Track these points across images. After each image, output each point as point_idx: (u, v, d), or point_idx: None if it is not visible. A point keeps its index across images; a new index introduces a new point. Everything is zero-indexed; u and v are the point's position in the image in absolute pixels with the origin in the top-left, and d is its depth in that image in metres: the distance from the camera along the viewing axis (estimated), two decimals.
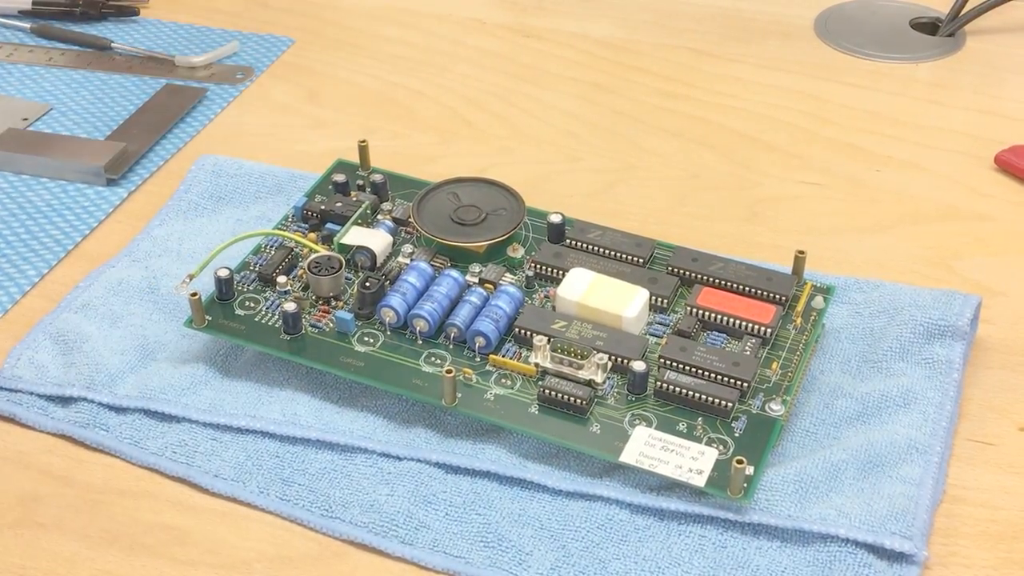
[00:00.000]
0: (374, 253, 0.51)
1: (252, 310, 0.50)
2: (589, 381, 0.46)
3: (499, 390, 0.47)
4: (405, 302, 0.49)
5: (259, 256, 0.53)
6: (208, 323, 0.50)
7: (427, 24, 0.76)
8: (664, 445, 0.44)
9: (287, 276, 0.51)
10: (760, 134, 0.65)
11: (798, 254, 0.50)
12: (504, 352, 0.48)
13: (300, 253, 0.53)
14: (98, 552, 0.44)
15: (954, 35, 0.73)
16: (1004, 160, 0.61)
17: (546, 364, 0.47)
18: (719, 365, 0.46)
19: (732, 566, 0.42)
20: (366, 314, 0.50)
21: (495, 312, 0.48)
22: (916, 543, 0.41)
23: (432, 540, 0.43)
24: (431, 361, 0.48)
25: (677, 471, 0.43)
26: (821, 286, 0.50)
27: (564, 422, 0.46)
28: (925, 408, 0.46)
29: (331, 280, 0.50)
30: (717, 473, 0.43)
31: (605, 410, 0.46)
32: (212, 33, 0.76)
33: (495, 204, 0.54)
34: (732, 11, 0.76)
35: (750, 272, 0.50)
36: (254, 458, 0.46)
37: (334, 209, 0.54)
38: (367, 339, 0.49)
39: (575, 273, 0.50)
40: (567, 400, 0.46)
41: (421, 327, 0.49)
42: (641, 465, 0.44)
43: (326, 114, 0.68)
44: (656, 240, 0.52)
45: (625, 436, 0.45)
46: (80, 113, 0.68)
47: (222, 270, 0.50)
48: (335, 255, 0.51)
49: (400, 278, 0.50)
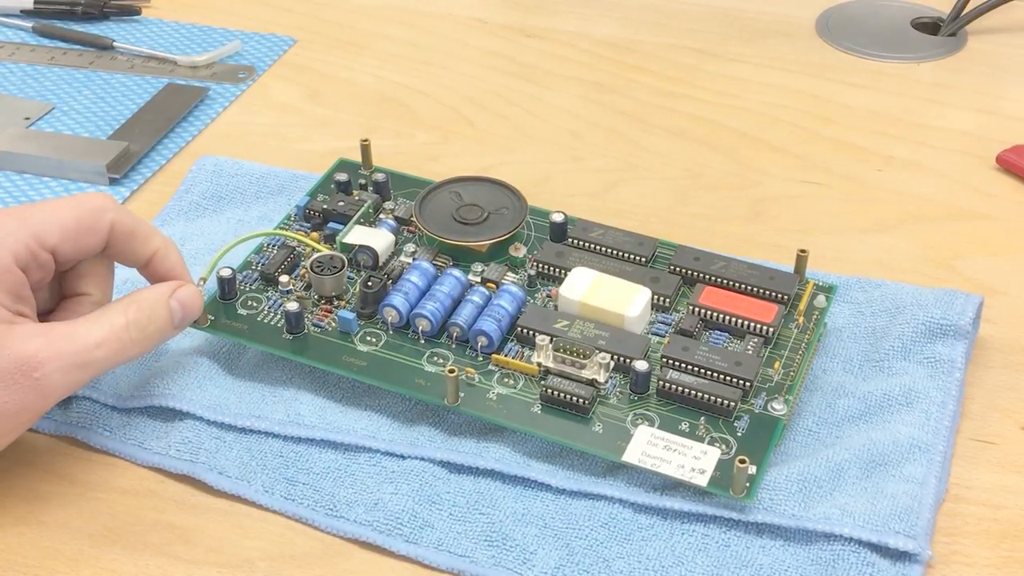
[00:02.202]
0: (376, 252, 0.51)
1: (254, 309, 0.50)
2: (591, 380, 0.46)
3: (502, 389, 0.47)
4: (407, 301, 0.49)
5: (261, 255, 0.53)
6: (211, 322, 0.50)
7: (429, 24, 0.76)
8: (667, 444, 0.44)
9: (289, 275, 0.52)
10: (762, 134, 0.65)
11: (800, 253, 0.50)
12: (507, 351, 0.48)
13: (302, 252, 0.53)
14: (101, 551, 0.44)
15: (955, 35, 0.73)
16: (1005, 160, 0.61)
17: (548, 363, 0.47)
18: (721, 364, 0.46)
19: (735, 565, 0.42)
20: (368, 313, 0.50)
21: (497, 311, 0.49)
22: (920, 542, 0.41)
23: (436, 539, 0.43)
24: (434, 360, 0.48)
25: (680, 471, 0.43)
26: (823, 285, 0.50)
27: (566, 422, 0.46)
28: (927, 407, 0.46)
29: (333, 279, 0.50)
30: (720, 473, 0.43)
31: (607, 409, 0.46)
32: (214, 32, 0.76)
33: (497, 203, 0.54)
34: (734, 11, 0.77)
35: (752, 271, 0.50)
36: (258, 457, 0.46)
37: (336, 208, 0.54)
38: (370, 338, 0.49)
39: (577, 272, 0.50)
40: (570, 400, 0.46)
41: (424, 326, 0.49)
42: (644, 464, 0.44)
43: (328, 113, 0.68)
44: (658, 239, 0.52)
45: (627, 435, 0.45)
46: (82, 112, 0.68)
47: (224, 269, 0.50)
48: (337, 254, 0.51)
49: (402, 277, 0.50)
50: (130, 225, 0.47)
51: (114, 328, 0.45)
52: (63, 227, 0.45)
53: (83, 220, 0.46)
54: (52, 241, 0.45)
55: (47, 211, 0.46)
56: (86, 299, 0.48)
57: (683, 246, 0.52)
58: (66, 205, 0.46)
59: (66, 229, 0.45)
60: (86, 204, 0.46)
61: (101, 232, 0.46)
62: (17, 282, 0.44)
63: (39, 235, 0.45)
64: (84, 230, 0.46)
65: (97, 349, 0.44)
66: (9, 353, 0.42)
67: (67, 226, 0.45)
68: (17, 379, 0.42)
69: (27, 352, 0.42)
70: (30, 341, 0.43)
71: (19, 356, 0.42)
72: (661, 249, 0.52)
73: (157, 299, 0.46)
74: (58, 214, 0.46)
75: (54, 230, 0.45)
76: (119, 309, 0.45)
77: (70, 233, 0.45)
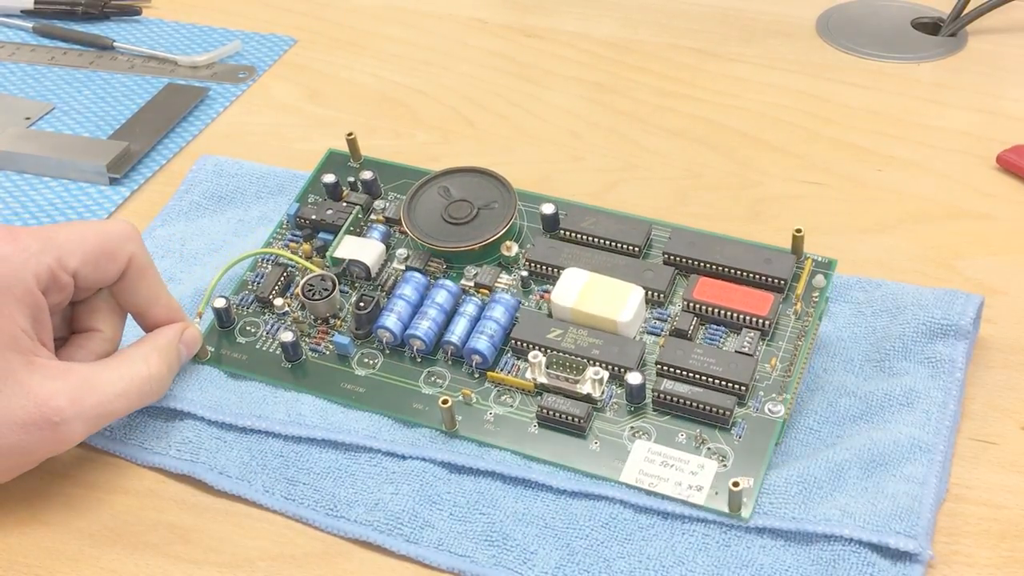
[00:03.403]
0: (367, 266, 0.51)
1: (253, 335, 0.51)
2: (587, 395, 0.46)
3: (499, 409, 0.47)
4: (400, 321, 0.49)
5: (256, 273, 0.53)
6: (211, 355, 0.50)
7: (429, 24, 0.76)
8: (663, 460, 0.44)
9: (284, 297, 0.52)
10: (762, 133, 0.65)
11: (795, 233, 0.50)
12: (503, 364, 0.48)
13: (296, 268, 0.53)
14: (102, 550, 0.44)
15: (956, 35, 0.73)
16: (1006, 160, 0.61)
17: (543, 380, 0.47)
18: (716, 369, 0.46)
19: (736, 565, 0.42)
20: (363, 334, 0.50)
21: (490, 327, 0.48)
22: (920, 542, 0.41)
23: (437, 539, 0.44)
24: (430, 381, 0.48)
25: (676, 488, 0.44)
26: (822, 261, 0.50)
27: (564, 439, 0.46)
28: (928, 407, 0.46)
29: (325, 303, 0.50)
30: (716, 491, 0.44)
31: (604, 424, 0.46)
32: (214, 32, 0.76)
33: (486, 197, 0.53)
34: (734, 11, 0.77)
35: (748, 254, 0.50)
36: (259, 457, 0.46)
37: (325, 218, 0.54)
38: (367, 360, 0.49)
39: (569, 275, 0.50)
40: (565, 419, 0.46)
41: (418, 346, 0.49)
42: (641, 485, 0.44)
43: (328, 113, 0.68)
44: (652, 220, 0.52)
45: (624, 453, 0.45)
46: (82, 112, 0.68)
47: (219, 300, 0.50)
48: (328, 274, 0.51)
49: (395, 293, 0.50)
50: (146, 263, 0.47)
51: (135, 380, 0.45)
52: (85, 251, 0.45)
53: (106, 246, 0.45)
54: (73, 264, 0.44)
55: (71, 233, 0.45)
56: (97, 335, 0.47)
57: (678, 229, 0.51)
58: (90, 229, 0.46)
59: (88, 253, 0.45)
60: (110, 230, 0.46)
61: (120, 261, 0.46)
62: (38, 306, 0.44)
63: (61, 257, 0.44)
64: (106, 256, 0.45)
65: (118, 400, 0.44)
66: (32, 397, 0.42)
67: (89, 250, 0.45)
68: (39, 424, 0.42)
69: (48, 397, 0.42)
70: (51, 385, 0.42)
71: (41, 401, 0.42)
72: (656, 232, 0.52)
73: (171, 345, 0.47)
74: (81, 237, 0.45)
75: (77, 253, 0.45)
76: (140, 358, 0.45)
77: (91, 257, 0.45)
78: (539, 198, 0.53)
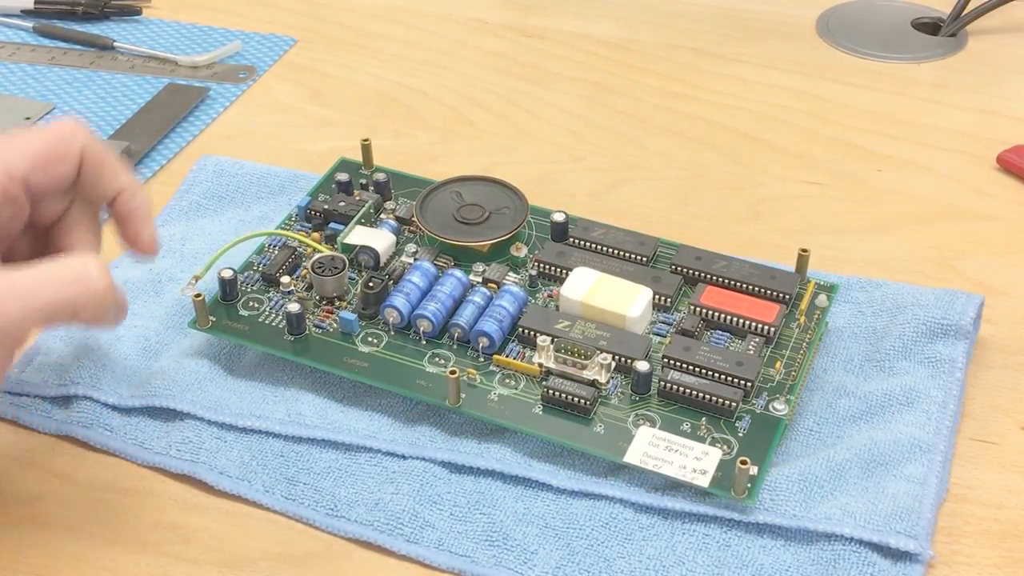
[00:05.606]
0: (377, 253, 0.51)
1: (256, 310, 0.50)
2: (593, 381, 0.46)
3: (503, 390, 0.47)
4: (408, 302, 0.49)
5: (262, 256, 0.53)
6: (212, 324, 0.50)
7: (429, 24, 0.76)
8: (668, 445, 0.44)
9: (291, 276, 0.52)
10: (762, 134, 0.65)
11: (801, 252, 0.50)
12: (508, 352, 0.48)
13: (304, 253, 0.53)
14: (102, 551, 0.44)
15: (956, 35, 0.73)
16: (1006, 160, 0.61)
17: (550, 364, 0.47)
18: (722, 365, 0.46)
19: (736, 565, 0.42)
20: (370, 314, 0.50)
21: (499, 312, 0.49)
22: (921, 542, 0.41)
23: (437, 539, 0.44)
24: (435, 361, 0.48)
25: (681, 471, 0.43)
26: (824, 284, 0.51)
27: (568, 422, 0.46)
28: (928, 407, 0.46)
29: (335, 280, 0.50)
30: (721, 473, 0.43)
31: (609, 410, 0.46)
32: (215, 32, 0.76)
33: (498, 203, 0.54)
34: (734, 11, 0.77)
35: (754, 271, 0.50)
36: (259, 457, 0.46)
37: (337, 208, 0.54)
38: (371, 339, 0.49)
39: (579, 272, 0.50)
40: (571, 400, 0.46)
41: (425, 327, 0.49)
42: (645, 465, 0.44)
43: (329, 113, 0.68)
44: (659, 238, 0.52)
45: (629, 436, 0.45)
46: (83, 112, 0.68)
47: (226, 271, 0.50)
48: (338, 255, 0.51)
49: (404, 278, 0.50)
50: (101, 154, 0.45)
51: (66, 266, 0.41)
52: (32, 156, 0.43)
53: (52, 148, 0.44)
54: (21, 172, 0.43)
55: (11, 142, 0.43)
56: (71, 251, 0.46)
57: (684, 246, 0.52)
58: (32, 134, 0.44)
59: (35, 158, 0.43)
60: (54, 131, 0.44)
61: (72, 159, 0.44)
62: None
63: (7, 167, 0.43)
64: (54, 158, 0.44)
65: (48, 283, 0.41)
66: None
67: (36, 154, 0.43)
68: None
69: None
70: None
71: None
72: (662, 249, 0.52)
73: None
74: (23, 145, 0.43)
75: (23, 160, 0.43)
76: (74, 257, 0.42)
77: (40, 162, 0.43)
78: (549, 212, 0.53)
